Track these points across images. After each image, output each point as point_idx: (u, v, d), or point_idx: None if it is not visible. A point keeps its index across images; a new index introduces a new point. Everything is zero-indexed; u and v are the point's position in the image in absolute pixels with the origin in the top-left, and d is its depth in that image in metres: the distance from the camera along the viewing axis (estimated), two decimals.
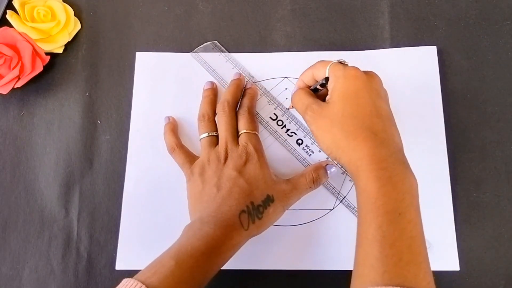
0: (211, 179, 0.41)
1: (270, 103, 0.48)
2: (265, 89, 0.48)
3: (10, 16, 0.48)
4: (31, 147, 0.47)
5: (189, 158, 0.44)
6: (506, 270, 0.43)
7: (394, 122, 0.37)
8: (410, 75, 0.48)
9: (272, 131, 0.47)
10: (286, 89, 0.48)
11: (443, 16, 0.50)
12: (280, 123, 0.47)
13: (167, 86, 0.49)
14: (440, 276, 0.42)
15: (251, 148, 0.42)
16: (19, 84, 0.46)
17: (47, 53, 0.48)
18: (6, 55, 0.46)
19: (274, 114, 0.47)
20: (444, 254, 0.42)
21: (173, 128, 0.46)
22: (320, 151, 0.46)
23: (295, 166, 0.46)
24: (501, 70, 0.48)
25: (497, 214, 0.44)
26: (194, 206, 0.41)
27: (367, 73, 0.38)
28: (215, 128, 0.45)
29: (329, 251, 0.43)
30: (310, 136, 0.46)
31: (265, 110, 0.47)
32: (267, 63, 0.49)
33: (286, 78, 0.48)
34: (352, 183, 0.45)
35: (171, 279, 0.34)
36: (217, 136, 0.44)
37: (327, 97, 0.39)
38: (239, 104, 0.46)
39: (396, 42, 0.49)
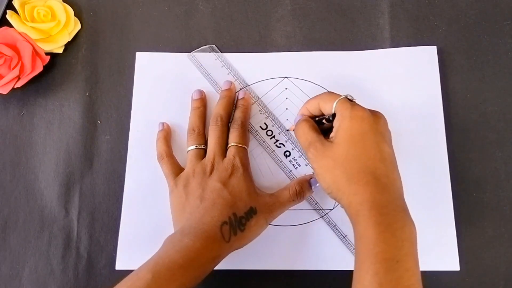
0: (195, 191, 0.41)
1: (262, 112, 0.47)
2: (258, 97, 0.48)
3: (10, 16, 0.48)
4: (31, 147, 0.47)
5: (176, 169, 0.44)
6: (506, 270, 0.43)
7: (397, 166, 0.37)
8: (410, 75, 0.48)
9: (261, 141, 0.47)
10: (286, 89, 0.48)
11: (443, 16, 0.50)
12: (269, 133, 0.47)
13: (167, 86, 0.49)
14: (440, 276, 0.42)
15: (237, 162, 0.42)
16: (19, 84, 0.46)
17: (47, 53, 0.48)
18: (6, 55, 0.46)
19: (265, 123, 0.47)
20: (444, 254, 0.42)
21: (166, 136, 0.46)
22: (307, 165, 0.45)
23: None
24: (501, 70, 0.48)
25: (497, 214, 0.44)
26: (177, 217, 0.41)
27: (373, 114, 0.37)
28: (203, 141, 0.45)
29: (328, 251, 0.43)
30: (298, 149, 0.46)
31: (255, 119, 0.47)
32: (267, 63, 0.49)
33: (286, 78, 0.48)
34: None
35: None
36: (204, 149, 0.44)
37: (331, 135, 0.37)
38: (232, 116, 0.46)
39: (396, 42, 0.49)
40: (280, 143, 0.46)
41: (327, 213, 0.44)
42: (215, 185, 0.40)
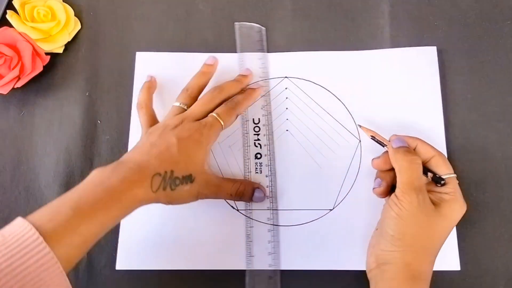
0: (153, 137, 0.40)
1: (263, 108, 0.47)
2: (270, 94, 0.48)
3: (10, 16, 0.48)
4: (31, 147, 0.47)
5: (151, 120, 0.44)
6: (506, 270, 0.43)
7: None
8: (410, 75, 0.48)
9: (245, 132, 0.47)
10: (286, 88, 0.48)
11: (443, 16, 0.50)
12: (256, 129, 0.47)
13: (167, 86, 0.49)
14: (440, 276, 0.42)
15: (205, 130, 0.41)
16: (19, 84, 0.46)
17: (47, 53, 0.48)
18: (6, 55, 0.46)
19: (258, 119, 0.47)
20: (444, 254, 0.42)
21: (150, 87, 0.47)
22: (267, 176, 0.45)
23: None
24: (501, 70, 0.48)
25: (497, 214, 0.44)
26: (127, 153, 0.41)
27: None
28: (190, 103, 0.44)
29: (329, 251, 0.43)
30: (269, 158, 0.46)
31: (254, 110, 0.47)
32: (267, 63, 0.49)
33: (286, 78, 0.48)
34: (351, 185, 0.45)
35: (66, 229, 0.32)
36: (185, 110, 0.44)
37: (437, 199, 0.38)
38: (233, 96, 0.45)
39: (396, 42, 0.49)
40: (258, 143, 0.46)
41: (326, 213, 0.44)
42: (170, 139, 0.40)
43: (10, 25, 0.48)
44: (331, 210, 0.44)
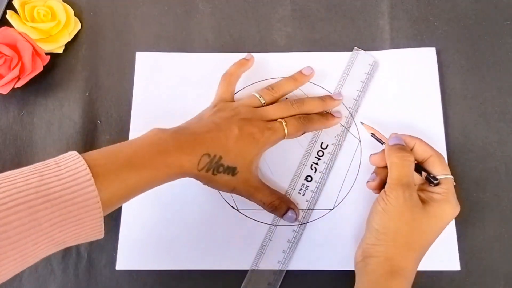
0: (220, 116, 0.41)
1: (337, 137, 0.46)
2: (348, 131, 0.46)
3: (10, 16, 0.48)
4: (31, 147, 0.47)
5: (228, 97, 0.45)
6: (506, 270, 0.43)
7: None
8: (410, 76, 0.48)
9: (308, 150, 0.46)
10: None
11: (443, 16, 0.50)
12: (320, 153, 0.46)
13: (167, 86, 0.49)
14: (440, 276, 0.42)
15: (268, 134, 0.41)
16: (19, 84, 0.46)
17: (47, 53, 0.48)
18: (6, 55, 0.46)
19: (327, 145, 0.46)
20: (445, 254, 0.42)
21: (244, 64, 0.47)
22: (307, 201, 0.44)
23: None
24: (501, 70, 0.48)
25: (497, 214, 0.44)
26: (188, 121, 0.42)
27: None
28: (269, 101, 0.45)
29: (329, 251, 0.43)
30: (318, 185, 0.45)
31: (327, 135, 0.46)
32: (267, 63, 0.49)
33: None
34: (351, 185, 0.45)
35: (117, 178, 0.33)
36: (262, 106, 0.44)
37: (427, 198, 0.38)
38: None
39: (396, 42, 0.49)
40: (315, 167, 0.46)
41: (326, 213, 0.44)
42: (234, 128, 0.40)
43: (10, 25, 0.48)
44: (331, 210, 0.44)
